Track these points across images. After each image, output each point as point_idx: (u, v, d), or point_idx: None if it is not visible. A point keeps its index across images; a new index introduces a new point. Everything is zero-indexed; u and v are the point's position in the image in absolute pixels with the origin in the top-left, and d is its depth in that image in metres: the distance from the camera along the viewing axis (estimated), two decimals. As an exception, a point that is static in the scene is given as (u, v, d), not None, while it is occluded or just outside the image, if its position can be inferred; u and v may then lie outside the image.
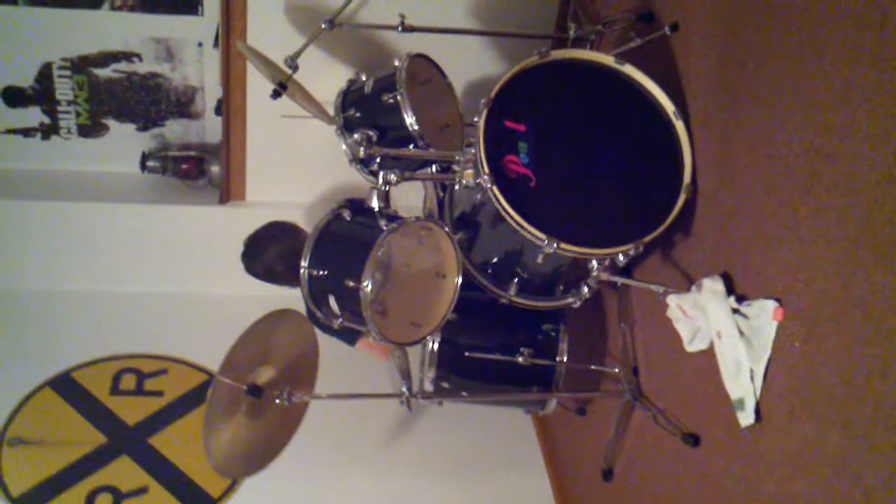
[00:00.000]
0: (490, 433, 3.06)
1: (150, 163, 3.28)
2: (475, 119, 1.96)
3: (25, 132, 3.27)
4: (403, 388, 2.14)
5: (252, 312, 1.98)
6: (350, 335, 2.63)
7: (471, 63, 3.04)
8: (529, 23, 3.05)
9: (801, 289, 1.54)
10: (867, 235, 1.36)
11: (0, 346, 3.10)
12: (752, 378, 1.66)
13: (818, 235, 1.49)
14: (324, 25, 2.56)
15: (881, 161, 1.32)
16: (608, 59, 2.07)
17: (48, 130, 3.28)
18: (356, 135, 2.37)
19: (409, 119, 2.33)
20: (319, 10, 2.77)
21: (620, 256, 1.94)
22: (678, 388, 2.06)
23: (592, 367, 2.52)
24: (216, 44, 3.11)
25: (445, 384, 2.45)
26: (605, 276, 2.04)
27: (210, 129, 3.38)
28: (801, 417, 1.52)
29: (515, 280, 2.18)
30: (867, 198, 1.36)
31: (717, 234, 1.88)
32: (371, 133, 2.39)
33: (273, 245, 2.46)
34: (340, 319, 2.01)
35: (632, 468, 2.31)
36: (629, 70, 2.06)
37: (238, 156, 3.24)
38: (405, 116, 2.33)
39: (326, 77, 2.82)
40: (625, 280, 2.13)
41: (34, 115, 3.24)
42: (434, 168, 2.44)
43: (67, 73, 3.15)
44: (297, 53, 2.56)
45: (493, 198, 1.88)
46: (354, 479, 2.83)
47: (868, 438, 1.34)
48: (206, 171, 3.34)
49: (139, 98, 3.26)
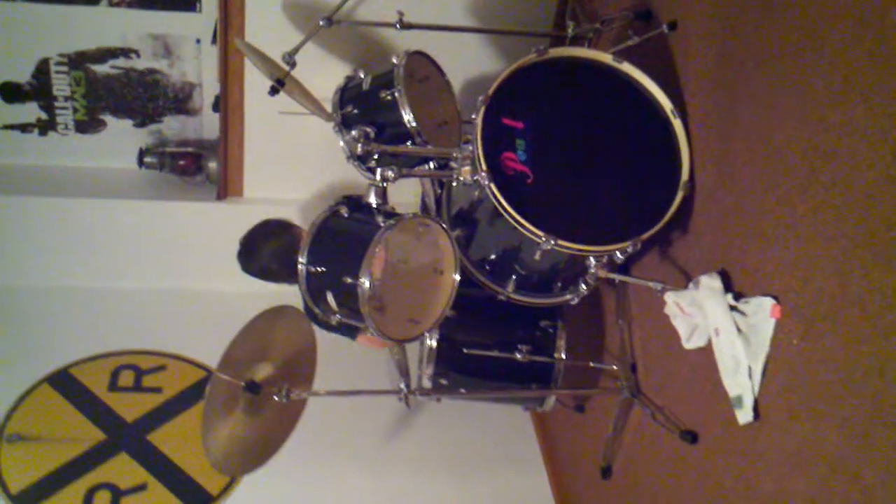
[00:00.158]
0: (488, 430, 3.06)
1: (148, 159, 3.27)
2: (473, 116, 1.96)
3: (23, 128, 3.26)
4: (402, 385, 2.14)
5: (250, 309, 1.98)
6: (350, 330, 2.63)
7: (469, 60, 3.04)
8: (527, 20, 3.05)
9: (799, 286, 1.54)
10: (865, 233, 1.36)
11: (-2, 343, 3.10)
12: (751, 375, 1.66)
13: (816, 233, 1.49)
14: (322, 22, 2.55)
15: (879, 159, 1.33)
16: (606, 57, 2.07)
17: (45, 126, 3.27)
18: (354, 131, 2.37)
19: (407, 116, 2.33)
20: (317, 7, 2.77)
21: (618, 253, 1.94)
22: (676, 385, 2.06)
23: (591, 364, 2.53)
24: (214, 40, 3.10)
25: (444, 381, 2.45)
26: (603, 274, 2.04)
27: (208, 126, 3.38)
28: (800, 415, 1.53)
29: (513, 277, 2.18)
30: (865, 196, 1.36)
31: (715, 232, 1.89)
32: (369, 130, 2.39)
33: (267, 244, 2.46)
34: (338, 316, 2.01)
35: (630, 465, 2.32)
36: (627, 68, 2.06)
37: (236, 152, 3.24)
38: (403, 113, 2.33)
39: (324, 74, 2.81)
40: (623, 277, 2.13)
41: (31, 111, 3.23)
42: (432, 165, 2.44)
43: (65, 69, 3.15)
44: (295, 50, 2.55)
45: (491, 195, 1.88)
46: (353, 476, 2.83)
47: (866, 436, 1.34)
48: (204, 168, 3.33)
49: (137, 94, 3.26)
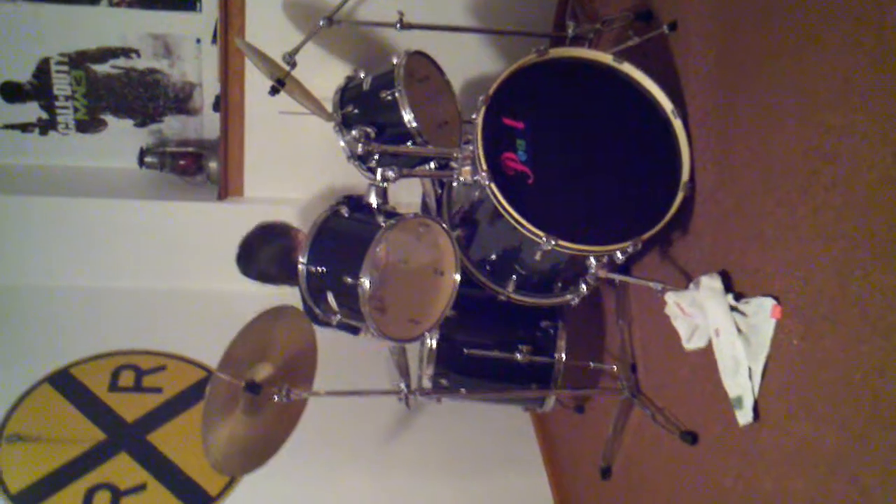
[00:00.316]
0: (488, 430, 3.06)
1: (148, 159, 3.27)
2: (473, 116, 1.96)
3: (23, 127, 3.26)
4: (402, 385, 2.14)
5: (250, 309, 1.98)
6: (351, 329, 2.63)
7: (469, 60, 3.04)
8: (528, 21, 3.04)
9: (800, 287, 1.54)
10: (865, 234, 1.36)
11: (-2, 343, 3.10)
12: (751, 376, 1.66)
13: (816, 234, 1.49)
14: (322, 22, 2.55)
15: (880, 161, 1.33)
16: (607, 58, 2.07)
17: (46, 126, 3.27)
18: (354, 131, 2.37)
19: (408, 116, 2.33)
20: (318, 7, 2.77)
21: (619, 254, 1.94)
22: (676, 386, 2.06)
23: (591, 365, 2.53)
24: (214, 40, 3.10)
25: (444, 381, 2.45)
26: (604, 274, 2.04)
27: (208, 126, 3.37)
28: (799, 416, 1.53)
29: (514, 277, 2.18)
30: (865, 197, 1.36)
31: (716, 232, 1.89)
32: (369, 130, 2.39)
33: (264, 248, 2.44)
34: (339, 316, 2.01)
35: (630, 466, 2.32)
36: (627, 68, 2.06)
37: (236, 152, 3.24)
38: (403, 113, 2.33)
39: (325, 74, 2.81)
40: (623, 277, 2.13)
41: (32, 111, 3.23)
42: (432, 165, 2.44)
43: (65, 69, 3.14)
44: (296, 50, 2.55)
45: (491, 195, 1.88)
46: (353, 477, 2.83)
47: (865, 437, 1.34)
48: (204, 168, 3.33)
49: (137, 94, 3.26)
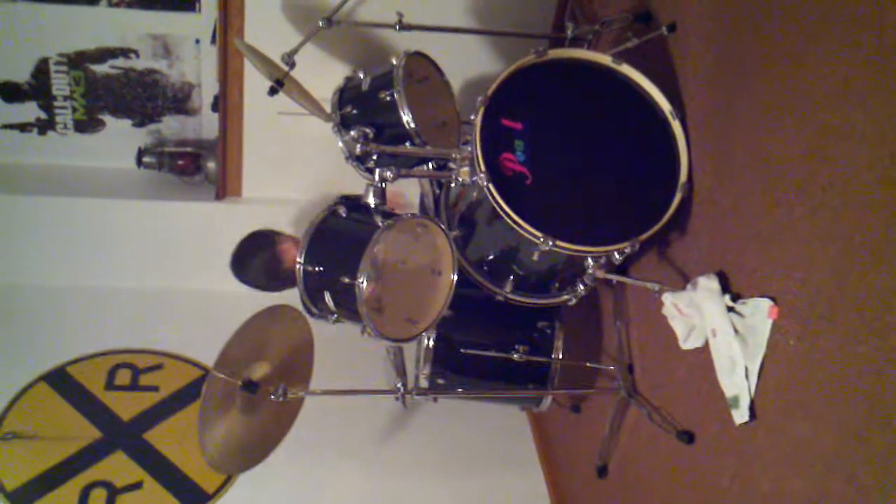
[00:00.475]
0: (485, 430, 3.06)
1: (147, 159, 3.27)
2: (472, 117, 1.96)
3: (22, 127, 3.26)
4: (399, 385, 2.14)
5: (248, 308, 1.98)
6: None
7: (468, 61, 3.04)
8: (527, 22, 3.05)
9: (796, 287, 1.54)
10: (862, 235, 1.37)
11: (-5, 341, 3.09)
12: (747, 376, 1.67)
13: (814, 234, 1.49)
14: (321, 23, 2.56)
15: (877, 162, 1.33)
16: (605, 59, 2.08)
17: (44, 126, 3.27)
18: (353, 132, 2.38)
19: (406, 116, 2.33)
20: (317, 8, 2.77)
21: (616, 254, 1.94)
22: (673, 386, 2.06)
23: (588, 365, 2.53)
24: (213, 40, 3.10)
25: (441, 381, 2.45)
26: (601, 274, 2.04)
27: (207, 126, 3.38)
28: (796, 415, 1.53)
29: (511, 277, 2.18)
30: (863, 198, 1.37)
31: (713, 233, 1.89)
32: (368, 130, 2.39)
33: (255, 258, 2.42)
34: (336, 315, 2.01)
35: (626, 465, 2.32)
36: (626, 70, 2.06)
37: (235, 152, 3.24)
38: (402, 114, 2.33)
39: (324, 74, 2.81)
40: (620, 278, 2.13)
41: (30, 111, 3.23)
42: (430, 165, 2.44)
43: (64, 69, 3.14)
44: (295, 50, 2.56)
45: (489, 195, 1.88)
46: (349, 475, 2.82)
47: (862, 437, 1.35)
48: (203, 168, 3.33)
49: (136, 94, 3.26)
